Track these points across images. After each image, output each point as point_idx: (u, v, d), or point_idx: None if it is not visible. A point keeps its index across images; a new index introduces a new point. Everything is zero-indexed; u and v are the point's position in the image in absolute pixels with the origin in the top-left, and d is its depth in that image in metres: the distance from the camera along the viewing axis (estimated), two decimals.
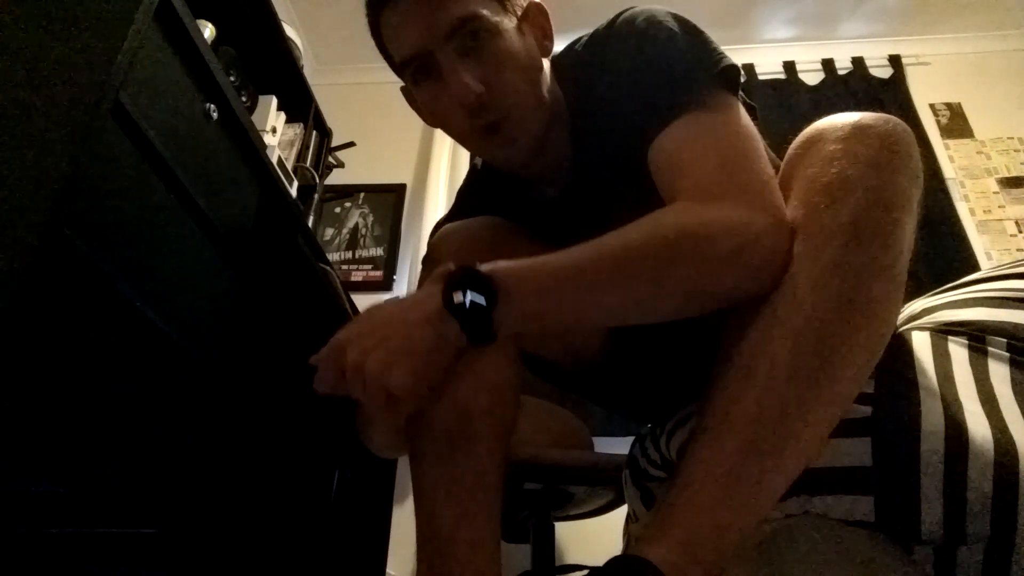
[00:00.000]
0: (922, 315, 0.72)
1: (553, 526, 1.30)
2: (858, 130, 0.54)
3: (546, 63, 0.75)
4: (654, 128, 0.64)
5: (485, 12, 0.67)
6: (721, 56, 0.66)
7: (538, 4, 0.76)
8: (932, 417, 0.54)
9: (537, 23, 0.75)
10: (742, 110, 0.65)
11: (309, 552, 1.11)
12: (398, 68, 0.73)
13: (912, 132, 0.56)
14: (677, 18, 0.72)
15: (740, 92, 0.67)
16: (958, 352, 0.63)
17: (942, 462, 0.51)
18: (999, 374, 0.60)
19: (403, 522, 1.85)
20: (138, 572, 0.90)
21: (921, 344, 0.66)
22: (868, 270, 0.49)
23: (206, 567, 0.89)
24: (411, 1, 0.66)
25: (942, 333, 0.66)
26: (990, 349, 0.62)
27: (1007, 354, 0.61)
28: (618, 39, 0.72)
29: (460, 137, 0.75)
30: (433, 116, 0.75)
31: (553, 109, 0.73)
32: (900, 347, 0.67)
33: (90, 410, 0.65)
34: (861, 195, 0.50)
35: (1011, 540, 0.47)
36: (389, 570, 1.69)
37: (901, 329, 0.72)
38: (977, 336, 0.64)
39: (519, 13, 0.73)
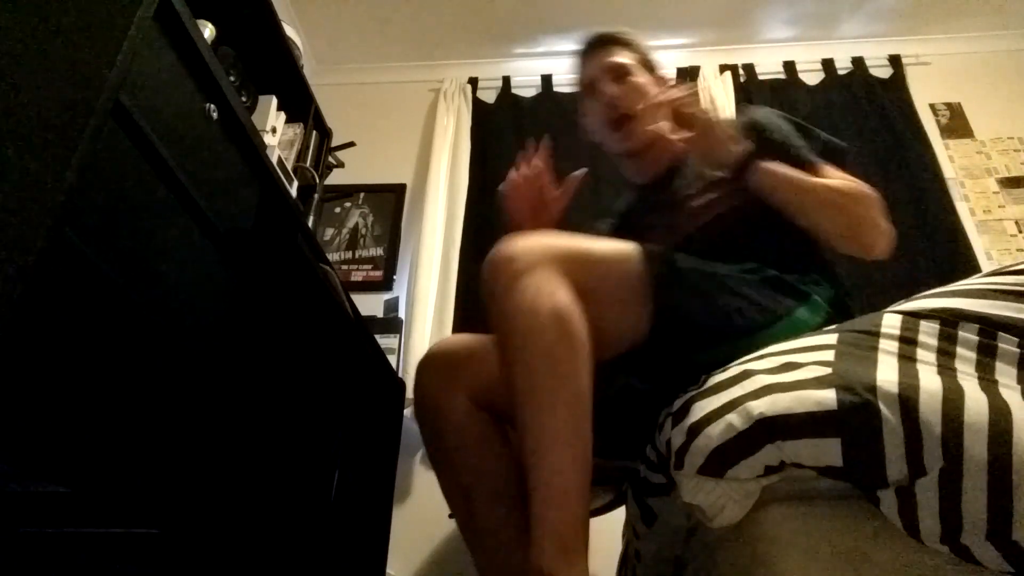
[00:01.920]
0: (904, 303, 0.77)
1: None
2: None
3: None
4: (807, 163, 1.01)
5: (630, 63, 1.17)
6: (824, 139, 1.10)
7: (666, 76, 1.23)
8: (886, 373, 0.62)
9: (663, 83, 1.20)
10: None
11: (309, 552, 1.12)
12: (581, 91, 1.24)
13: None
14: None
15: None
16: (927, 332, 0.68)
17: (897, 404, 0.58)
18: (965, 351, 0.65)
19: (403, 522, 1.85)
20: (139, 572, 0.91)
21: (891, 320, 0.71)
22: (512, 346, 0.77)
23: (207, 567, 0.89)
24: (592, 55, 1.21)
25: (913, 316, 0.71)
26: (960, 333, 0.67)
27: (977, 338, 0.66)
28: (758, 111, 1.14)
29: (600, 131, 1.20)
30: (590, 121, 1.23)
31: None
32: (868, 323, 0.73)
33: (91, 410, 0.65)
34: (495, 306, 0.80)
35: (960, 467, 0.55)
36: (389, 570, 1.69)
37: (882, 312, 0.76)
38: (951, 321, 0.69)
39: (657, 76, 1.21)
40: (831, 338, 0.71)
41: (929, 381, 0.60)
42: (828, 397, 0.61)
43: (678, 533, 0.89)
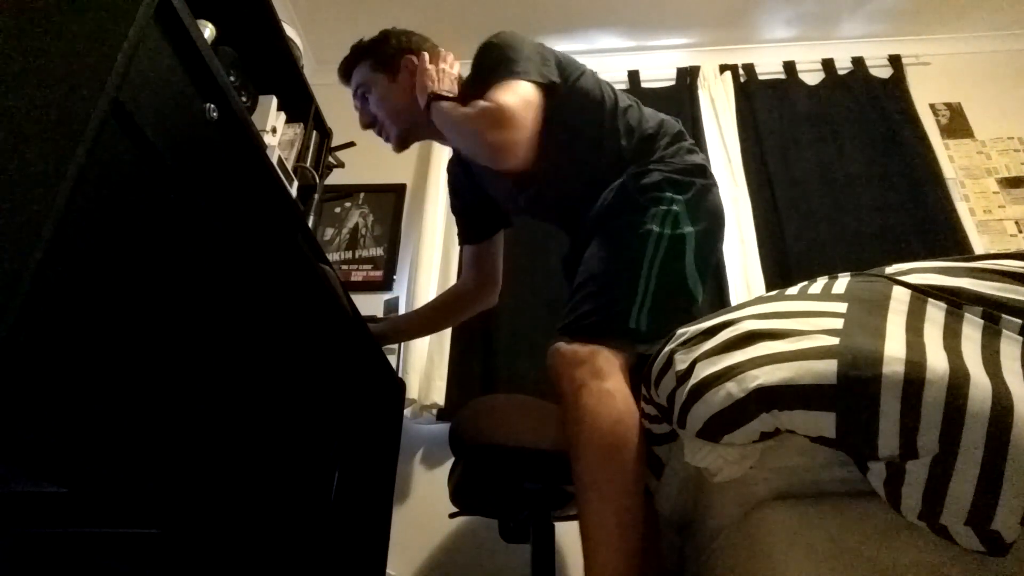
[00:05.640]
0: (909, 273, 0.77)
1: (553, 526, 1.30)
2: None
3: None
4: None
5: (364, 79, 1.43)
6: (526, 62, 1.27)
7: (409, 58, 1.40)
8: (895, 348, 0.61)
9: (407, 69, 1.40)
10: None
11: (309, 552, 1.12)
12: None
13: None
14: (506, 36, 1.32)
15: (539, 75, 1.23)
16: (934, 312, 0.69)
17: (901, 384, 0.57)
18: (971, 332, 0.66)
19: (403, 522, 1.85)
20: (139, 572, 0.91)
21: (899, 296, 0.71)
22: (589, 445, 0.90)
23: (207, 567, 0.89)
24: (345, 82, 1.50)
25: (922, 293, 0.71)
26: (966, 315, 0.68)
27: (982, 321, 0.67)
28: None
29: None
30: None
31: (415, 115, 1.38)
32: (879, 294, 0.73)
33: (90, 410, 0.65)
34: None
35: (954, 454, 0.55)
36: (389, 570, 1.69)
37: (888, 272, 0.77)
38: (955, 303, 0.69)
39: (394, 67, 1.40)
40: (840, 306, 0.71)
41: (936, 360, 0.59)
42: (829, 369, 0.60)
43: (688, 484, 0.91)
